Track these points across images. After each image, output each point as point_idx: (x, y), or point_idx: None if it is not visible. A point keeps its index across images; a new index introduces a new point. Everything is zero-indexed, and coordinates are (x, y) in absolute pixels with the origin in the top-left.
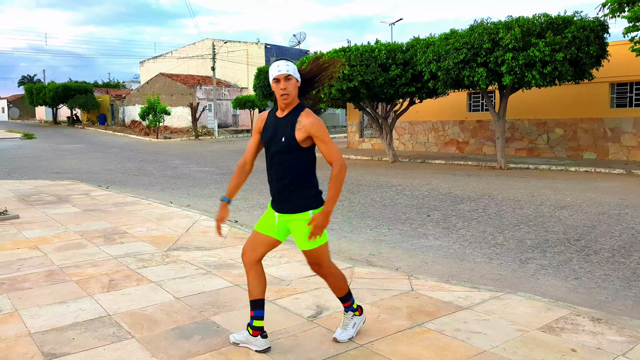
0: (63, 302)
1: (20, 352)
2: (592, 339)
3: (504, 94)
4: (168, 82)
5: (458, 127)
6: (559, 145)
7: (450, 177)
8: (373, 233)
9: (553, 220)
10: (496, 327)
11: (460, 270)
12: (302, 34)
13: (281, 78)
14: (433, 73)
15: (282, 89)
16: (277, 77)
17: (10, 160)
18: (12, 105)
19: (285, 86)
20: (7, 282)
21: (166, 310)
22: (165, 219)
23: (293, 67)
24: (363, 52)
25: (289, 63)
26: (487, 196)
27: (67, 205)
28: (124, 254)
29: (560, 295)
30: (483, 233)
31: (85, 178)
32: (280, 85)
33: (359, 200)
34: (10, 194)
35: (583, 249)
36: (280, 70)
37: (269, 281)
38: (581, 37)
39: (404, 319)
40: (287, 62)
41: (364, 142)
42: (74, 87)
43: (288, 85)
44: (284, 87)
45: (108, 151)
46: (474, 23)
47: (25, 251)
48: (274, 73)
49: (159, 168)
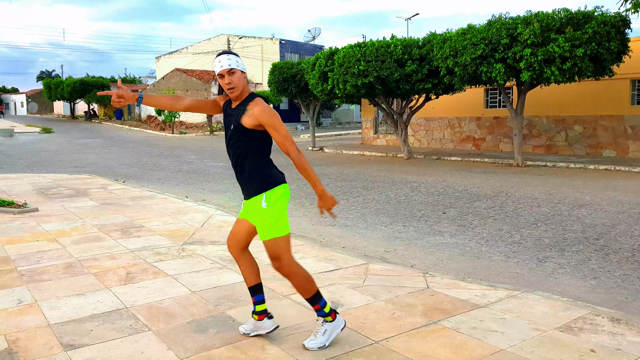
0: (81, 294)
1: (39, 342)
2: (612, 340)
3: (522, 90)
4: (183, 77)
5: (474, 124)
6: (577, 142)
7: (466, 174)
8: (388, 230)
9: (571, 218)
10: (513, 326)
11: (476, 268)
12: (317, 29)
13: (224, 73)
14: (450, 69)
15: (227, 84)
16: (220, 72)
17: (30, 154)
18: (31, 100)
19: (230, 80)
20: (27, 274)
21: (182, 303)
22: (181, 214)
23: (235, 59)
24: (379, 47)
25: (230, 57)
26: (504, 194)
27: (85, 198)
28: (141, 248)
29: (579, 294)
30: (500, 231)
31: (102, 172)
32: (225, 80)
33: (374, 196)
34: (30, 187)
35: (602, 248)
36: (222, 66)
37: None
38: (602, 33)
39: (420, 316)
40: (229, 55)
41: (378, 139)
42: (91, 82)
43: (233, 79)
44: (229, 81)
45: (125, 146)
46: (492, 18)
47: (44, 243)
48: (216, 69)
49: (174, 163)
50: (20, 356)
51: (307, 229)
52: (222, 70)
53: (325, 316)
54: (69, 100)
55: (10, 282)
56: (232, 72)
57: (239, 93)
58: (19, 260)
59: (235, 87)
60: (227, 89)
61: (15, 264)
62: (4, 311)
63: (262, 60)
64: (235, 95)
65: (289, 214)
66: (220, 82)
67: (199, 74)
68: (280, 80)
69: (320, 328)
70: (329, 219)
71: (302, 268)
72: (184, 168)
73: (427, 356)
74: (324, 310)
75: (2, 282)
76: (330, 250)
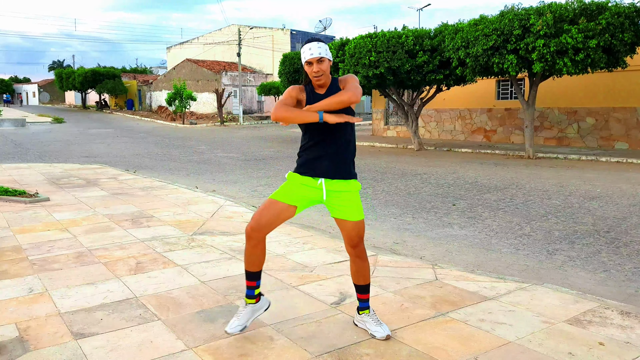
0: (92, 283)
1: (50, 331)
2: (621, 333)
3: (534, 82)
4: (194, 68)
5: (486, 115)
6: (589, 134)
7: (476, 166)
8: (397, 221)
9: (582, 211)
10: (522, 318)
11: (485, 260)
12: (328, 19)
13: (314, 61)
14: (461, 60)
15: (315, 72)
16: (309, 60)
17: (41, 144)
18: (43, 89)
19: (319, 68)
20: (38, 263)
21: (192, 293)
22: (191, 204)
23: (325, 47)
24: (390, 38)
25: (320, 45)
26: (515, 186)
27: (96, 188)
28: (151, 238)
29: (589, 287)
30: (510, 223)
31: (113, 162)
32: (313, 68)
33: (383, 188)
34: (41, 177)
35: (613, 241)
36: (313, 54)
37: (292, 267)
38: (615, 24)
39: (428, 308)
40: (319, 43)
41: (389, 130)
42: (103, 73)
43: (322, 67)
44: (317, 69)
45: (135, 136)
46: (505, 9)
47: (55, 233)
48: (306, 56)
49: (185, 153)
50: (31, 344)
51: (317, 220)
52: (311, 58)
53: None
54: (81, 91)
55: (21, 271)
56: (322, 61)
57: (325, 80)
58: (30, 250)
59: (322, 75)
60: (315, 77)
61: (27, 253)
62: (15, 300)
63: (273, 51)
64: (321, 83)
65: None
66: (307, 68)
67: (209, 64)
68: (291, 71)
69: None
70: None
71: None
72: (195, 158)
73: (435, 347)
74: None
75: (13, 271)
76: (339, 242)
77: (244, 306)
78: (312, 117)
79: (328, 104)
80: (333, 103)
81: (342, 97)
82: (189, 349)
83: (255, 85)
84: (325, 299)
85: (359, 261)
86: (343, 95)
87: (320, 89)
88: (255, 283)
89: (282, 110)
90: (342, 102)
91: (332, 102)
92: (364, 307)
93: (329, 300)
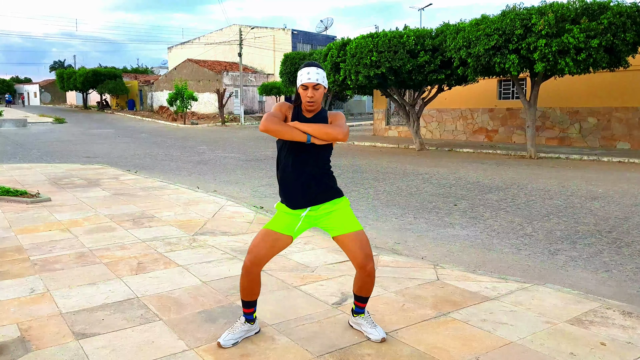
0: (93, 283)
1: (52, 331)
2: (623, 333)
3: (536, 82)
4: (195, 68)
5: (487, 115)
6: (591, 134)
7: (478, 166)
8: (399, 221)
9: (584, 211)
10: (523, 318)
11: (487, 261)
12: (330, 19)
13: (310, 86)
14: (463, 59)
15: (310, 97)
16: (306, 84)
17: (43, 144)
18: (44, 90)
19: (313, 94)
20: (39, 263)
21: (193, 293)
22: (192, 204)
23: (323, 75)
24: (391, 38)
25: (319, 71)
26: (516, 186)
27: (97, 189)
28: (152, 238)
29: (590, 287)
30: (511, 223)
31: (114, 162)
32: (308, 93)
33: (385, 188)
34: (43, 177)
35: (614, 241)
36: (310, 79)
37: (293, 267)
38: (617, 24)
39: (430, 308)
40: (318, 69)
41: (390, 130)
42: (104, 73)
43: (315, 94)
44: (312, 95)
45: (137, 136)
46: (506, 8)
47: (57, 233)
48: (303, 79)
49: (186, 154)
50: (33, 344)
51: None
52: (308, 83)
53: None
54: (82, 91)
55: (23, 271)
56: (317, 88)
57: (317, 107)
58: (31, 250)
59: (315, 102)
60: (308, 102)
61: (28, 253)
62: (17, 300)
63: (274, 51)
64: (312, 109)
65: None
66: (301, 91)
67: (210, 65)
68: (292, 71)
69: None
70: None
71: None
72: (196, 159)
73: (436, 348)
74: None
75: (15, 271)
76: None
77: (243, 323)
78: (301, 136)
79: (316, 130)
80: (322, 132)
81: (333, 131)
82: (190, 349)
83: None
84: (326, 299)
85: (368, 280)
86: (334, 130)
87: (309, 112)
88: (253, 309)
89: (271, 122)
90: (330, 135)
91: (322, 130)
92: (358, 312)
93: (330, 301)
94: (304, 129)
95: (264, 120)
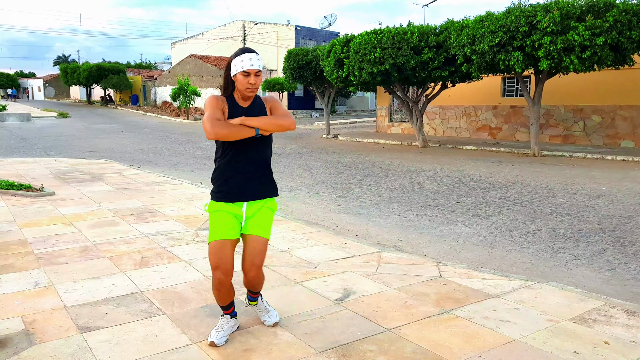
0: (97, 277)
1: (56, 324)
2: (626, 332)
3: (540, 79)
4: (199, 63)
5: (491, 113)
6: (595, 132)
7: (481, 163)
8: (401, 218)
9: (587, 209)
10: (526, 316)
11: (490, 258)
12: (333, 15)
13: (252, 72)
14: (467, 56)
15: (251, 84)
16: (249, 70)
17: (47, 139)
18: (48, 84)
19: (255, 81)
20: (43, 257)
21: (196, 288)
22: (195, 199)
23: (261, 62)
24: (395, 34)
25: (259, 57)
26: (520, 184)
27: (101, 183)
28: (156, 233)
29: (593, 286)
30: (514, 221)
31: (118, 157)
32: (250, 80)
33: (388, 185)
34: (47, 171)
35: (618, 239)
36: (253, 65)
37: (296, 263)
38: (623, 21)
39: (432, 305)
40: (258, 55)
41: (393, 127)
42: (107, 68)
43: (257, 81)
44: (254, 82)
45: (140, 131)
46: (511, 5)
47: (60, 227)
48: (245, 65)
49: (189, 149)
50: (37, 337)
51: (320, 216)
52: (251, 69)
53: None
54: (86, 86)
55: (27, 264)
56: (258, 75)
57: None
58: (36, 244)
59: (255, 89)
60: (248, 89)
61: (33, 247)
62: (22, 293)
63: (277, 47)
64: (252, 95)
65: (303, 202)
66: (241, 78)
67: (214, 60)
68: (295, 67)
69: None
70: (343, 206)
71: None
72: (199, 154)
73: (439, 345)
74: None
75: (19, 264)
76: (343, 238)
77: (228, 319)
78: (249, 132)
79: (267, 123)
80: (273, 125)
81: (284, 122)
82: (193, 343)
83: None
84: (329, 295)
85: (252, 283)
86: (285, 121)
87: (244, 101)
88: (232, 309)
89: (219, 126)
90: (282, 127)
91: (273, 122)
92: (252, 299)
93: (333, 297)
94: (253, 124)
95: (209, 126)
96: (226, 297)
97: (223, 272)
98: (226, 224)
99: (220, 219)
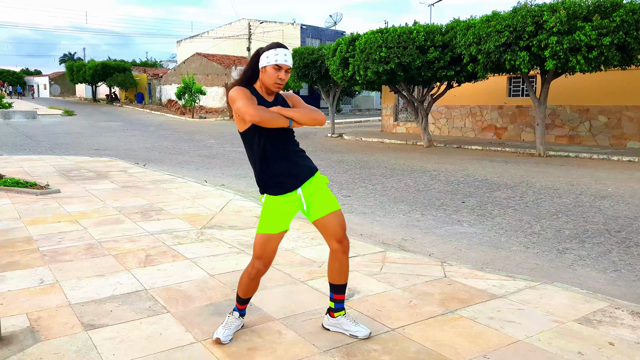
0: (102, 275)
1: (60, 321)
2: (631, 333)
3: (546, 79)
4: (204, 62)
5: (497, 112)
6: (601, 133)
7: (487, 163)
8: (406, 218)
9: (593, 210)
10: (531, 317)
11: (495, 259)
12: (339, 14)
13: (284, 68)
14: (473, 56)
15: (281, 79)
16: (281, 65)
17: (52, 137)
18: (54, 82)
19: (285, 77)
20: (49, 254)
21: (200, 286)
22: (200, 198)
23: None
24: (401, 33)
25: (291, 54)
26: (525, 184)
27: (106, 181)
28: (160, 231)
29: (599, 287)
30: (519, 221)
31: (123, 155)
32: (280, 75)
33: (393, 184)
34: (52, 169)
35: (624, 240)
36: (287, 61)
37: (300, 262)
38: (630, 21)
39: (437, 305)
40: (290, 52)
41: (398, 126)
42: (113, 66)
43: (286, 78)
44: (284, 77)
45: (145, 129)
46: (517, 5)
47: (66, 225)
48: (279, 60)
49: (194, 147)
50: (42, 335)
51: None
52: (284, 65)
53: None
54: (91, 84)
55: (32, 262)
56: (288, 72)
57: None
58: (41, 241)
59: (282, 85)
60: (277, 83)
61: (38, 244)
62: (27, 290)
63: None
64: (276, 91)
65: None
66: (272, 72)
67: (219, 59)
68: (300, 66)
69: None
70: (347, 205)
71: None
72: (204, 152)
73: (443, 345)
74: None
75: (24, 262)
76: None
77: (236, 317)
78: (284, 122)
79: (302, 115)
80: (308, 117)
81: (317, 116)
82: (197, 341)
83: None
84: None
85: (344, 258)
86: (317, 114)
87: (269, 96)
88: (246, 306)
89: (262, 110)
90: (316, 120)
91: (308, 115)
92: (339, 308)
93: None
94: (289, 115)
95: (252, 109)
96: (253, 289)
97: (264, 263)
98: (278, 219)
99: (273, 213)
